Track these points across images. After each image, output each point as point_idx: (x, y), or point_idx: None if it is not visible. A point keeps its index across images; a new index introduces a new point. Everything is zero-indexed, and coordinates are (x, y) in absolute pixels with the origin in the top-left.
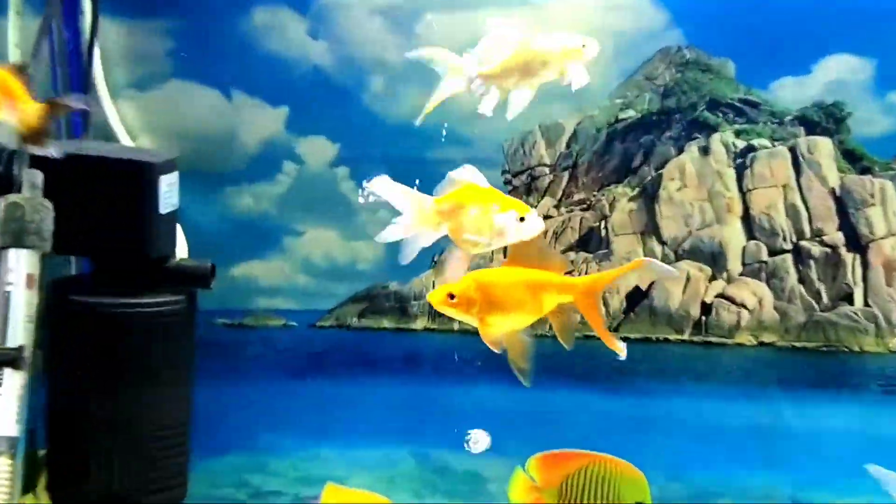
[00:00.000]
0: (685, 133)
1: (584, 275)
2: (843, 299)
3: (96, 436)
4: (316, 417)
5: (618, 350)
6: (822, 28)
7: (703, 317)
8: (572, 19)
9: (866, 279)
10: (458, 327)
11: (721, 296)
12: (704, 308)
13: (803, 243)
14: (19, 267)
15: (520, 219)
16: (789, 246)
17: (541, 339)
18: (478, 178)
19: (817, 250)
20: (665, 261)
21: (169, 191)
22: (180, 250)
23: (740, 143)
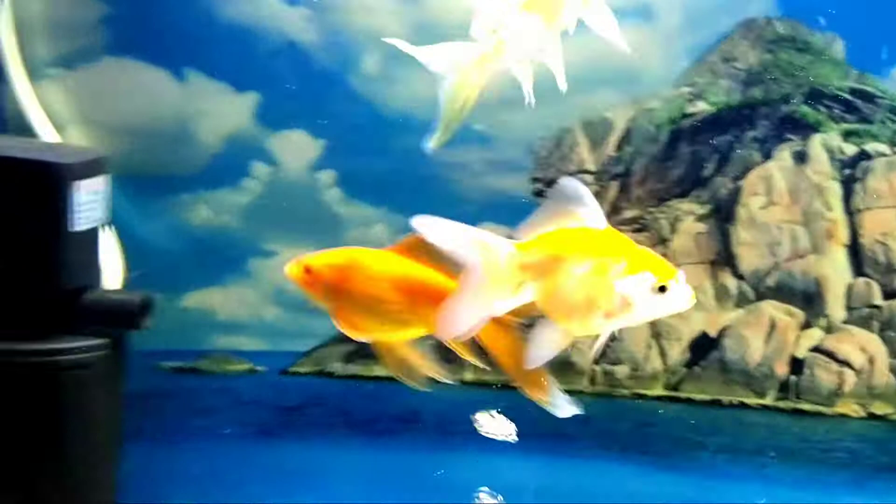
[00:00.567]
0: (774, 133)
1: None
2: None
3: None
4: (286, 489)
5: (546, 405)
6: None
7: (793, 376)
8: None
9: None
10: (469, 377)
11: (817, 349)
12: (795, 365)
13: None
14: None
15: (659, 287)
16: None
17: (578, 395)
18: (592, 211)
19: None
20: (743, 300)
21: (90, 201)
22: (111, 278)
23: (849, 149)
